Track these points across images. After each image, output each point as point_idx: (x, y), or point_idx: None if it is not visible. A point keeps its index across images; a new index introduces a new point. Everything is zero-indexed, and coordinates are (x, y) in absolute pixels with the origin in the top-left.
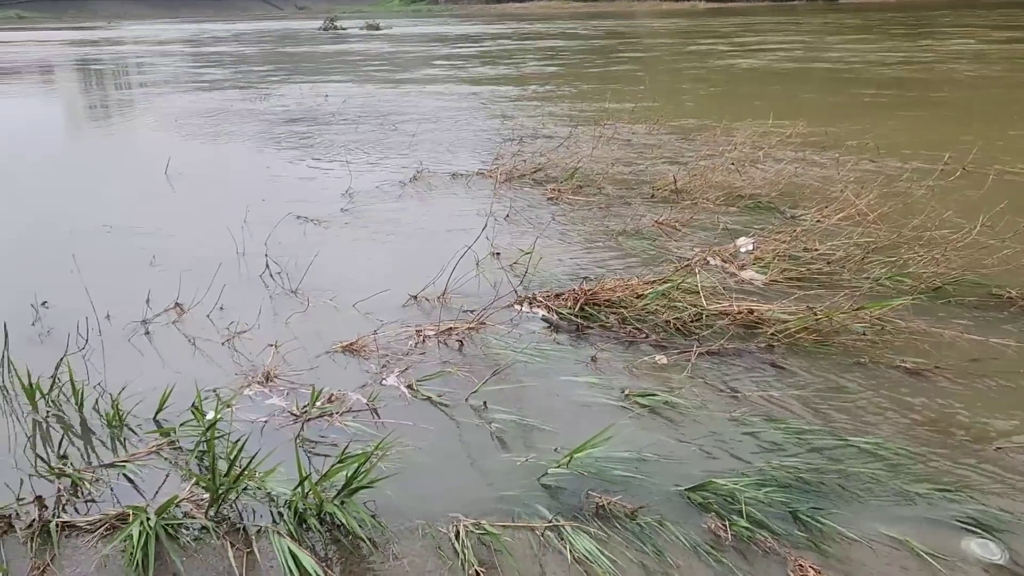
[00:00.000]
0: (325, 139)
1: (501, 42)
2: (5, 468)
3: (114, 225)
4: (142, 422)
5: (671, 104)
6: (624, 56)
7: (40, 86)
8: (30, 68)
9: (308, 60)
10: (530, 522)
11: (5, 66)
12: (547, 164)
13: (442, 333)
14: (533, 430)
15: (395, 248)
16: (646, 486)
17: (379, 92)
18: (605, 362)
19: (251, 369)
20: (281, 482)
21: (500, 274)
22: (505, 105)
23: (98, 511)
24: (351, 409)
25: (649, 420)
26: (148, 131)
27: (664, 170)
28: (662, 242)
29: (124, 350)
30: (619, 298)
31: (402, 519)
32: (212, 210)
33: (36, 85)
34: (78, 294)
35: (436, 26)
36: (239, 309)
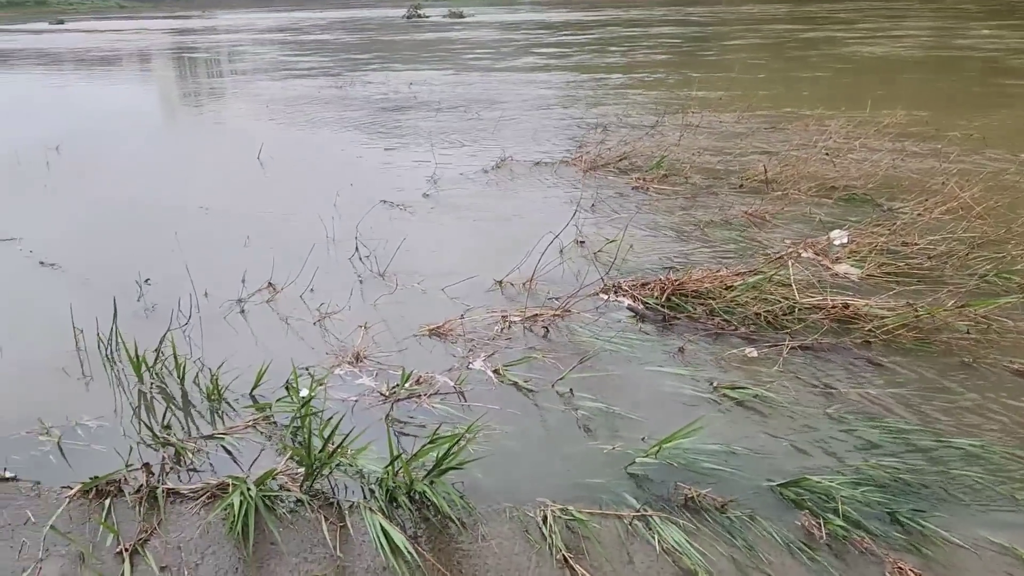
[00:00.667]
0: (411, 126)
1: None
2: (114, 435)
3: (210, 207)
4: (238, 397)
5: (762, 92)
6: (719, 44)
7: (138, 73)
8: (129, 56)
9: (393, 48)
10: (618, 510)
11: (107, 54)
12: (632, 153)
13: (528, 319)
14: (619, 418)
15: (480, 234)
16: (736, 480)
17: (462, 80)
18: (693, 353)
19: (341, 349)
20: (371, 460)
21: (584, 262)
22: (589, 93)
23: (199, 480)
24: (438, 391)
25: (739, 413)
26: (240, 116)
27: (753, 160)
28: (751, 233)
29: (221, 327)
30: (707, 289)
31: (489, 501)
32: (302, 194)
33: (134, 72)
34: (178, 272)
35: (518, 14)
36: (329, 291)
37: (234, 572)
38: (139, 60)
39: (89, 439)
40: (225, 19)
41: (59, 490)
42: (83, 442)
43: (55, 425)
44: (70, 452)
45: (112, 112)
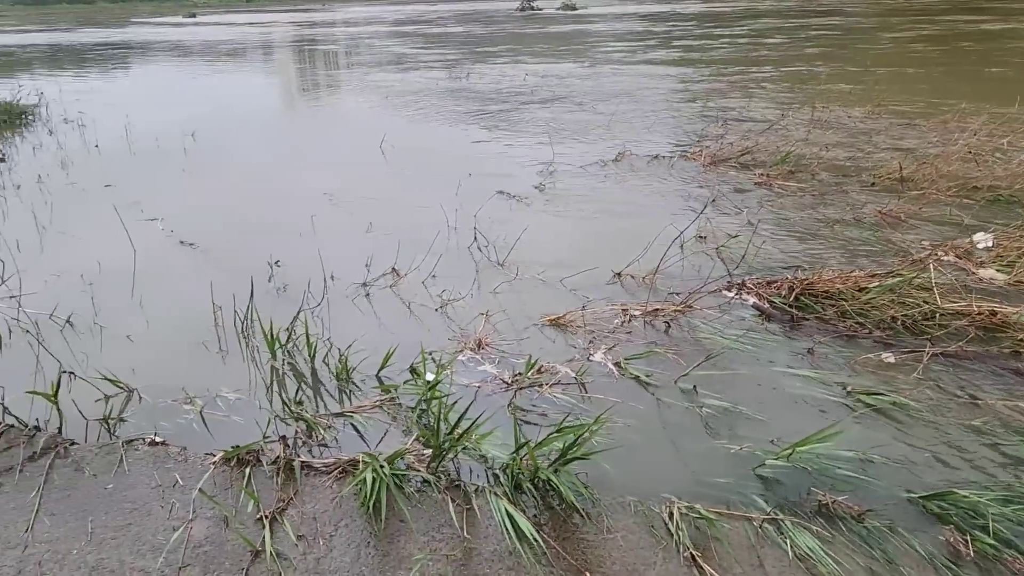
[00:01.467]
0: (527, 117)
1: (699, 22)
2: (250, 408)
3: (335, 193)
4: (365, 378)
5: (895, 87)
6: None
7: (263, 65)
8: (255, 48)
9: (508, 40)
10: (747, 512)
11: (236, 46)
12: (755, 147)
13: (649, 313)
14: (746, 419)
15: (597, 226)
16: (874, 489)
17: (578, 72)
18: (823, 356)
19: (463, 336)
20: (495, 446)
21: (705, 258)
22: (707, 86)
23: (330, 455)
24: (559, 382)
25: (875, 420)
26: (361, 107)
27: (886, 157)
28: (885, 234)
29: (347, 309)
30: (838, 290)
31: (613, 493)
32: (421, 182)
33: (260, 64)
34: (305, 255)
35: (631, 5)
36: (450, 278)
37: (366, 545)
38: (264, 52)
39: (228, 410)
40: (344, 12)
41: (203, 456)
42: (222, 413)
43: (197, 395)
44: (211, 421)
45: (241, 101)
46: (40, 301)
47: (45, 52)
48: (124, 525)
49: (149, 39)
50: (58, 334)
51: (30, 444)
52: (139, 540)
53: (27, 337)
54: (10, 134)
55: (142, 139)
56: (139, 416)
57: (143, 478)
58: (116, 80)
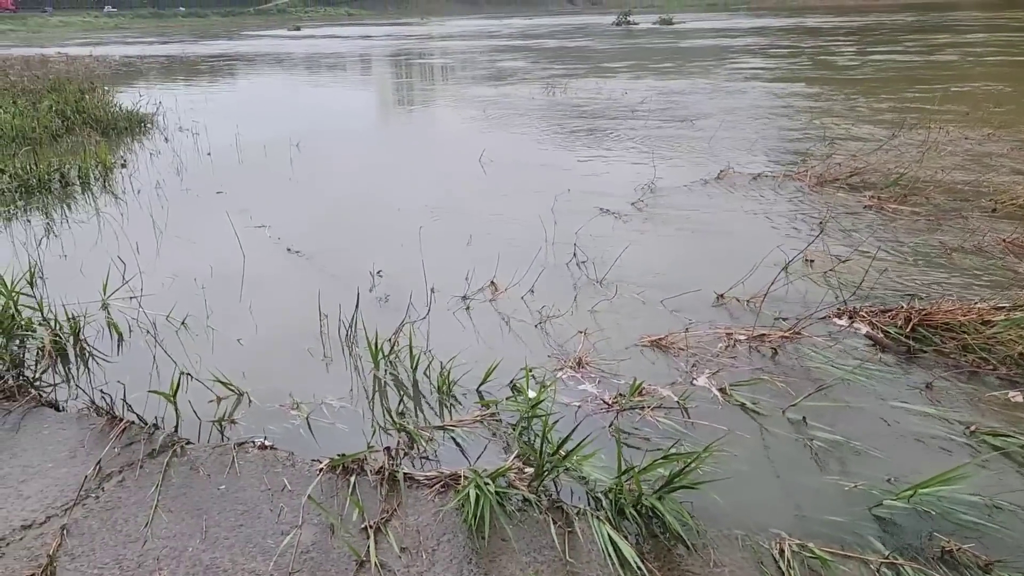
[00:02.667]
0: (624, 132)
1: (799, 37)
2: (354, 416)
3: (436, 206)
4: (466, 392)
5: (1016, 108)
6: (955, 52)
7: (363, 76)
8: (354, 60)
9: (603, 54)
10: (863, 553)
11: (337, 59)
12: (865, 169)
13: (754, 339)
14: (860, 455)
15: (698, 246)
16: (1003, 538)
17: (678, 86)
18: (943, 392)
19: (562, 353)
20: (596, 468)
21: (811, 283)
22: (810, 103)
23: (432, 467)
24: (662, 405)
25: (1002, 464)
26: (460, 120)
27: (1008, 182)
28: (1010, 263)
29: (448, 322)
30: (960, 322)
31: (719, 525)
32: (520, 197)
33: (360, 76)
34: (407, 266)
35: (730, 20)
36: (549, 294)
37: (468, 562)
38: (362, 64)
39: (333, 417)
40: (441, 25)
41: (310, 463)
42: (327, 420)
43: (303, 401)
44: (316, 428)
45: (343, 113)
46: (158, 302)
47: (162, 63)
48: (236, 526)
49: (256, 51)
50: (174, 335)
51: (149, 441)
52: (250, 542)
53: (146, 337)
54: (131, 141)
55: (250, 148)
56: (249, 419)
57: (254, 481)
58: (226, 90)
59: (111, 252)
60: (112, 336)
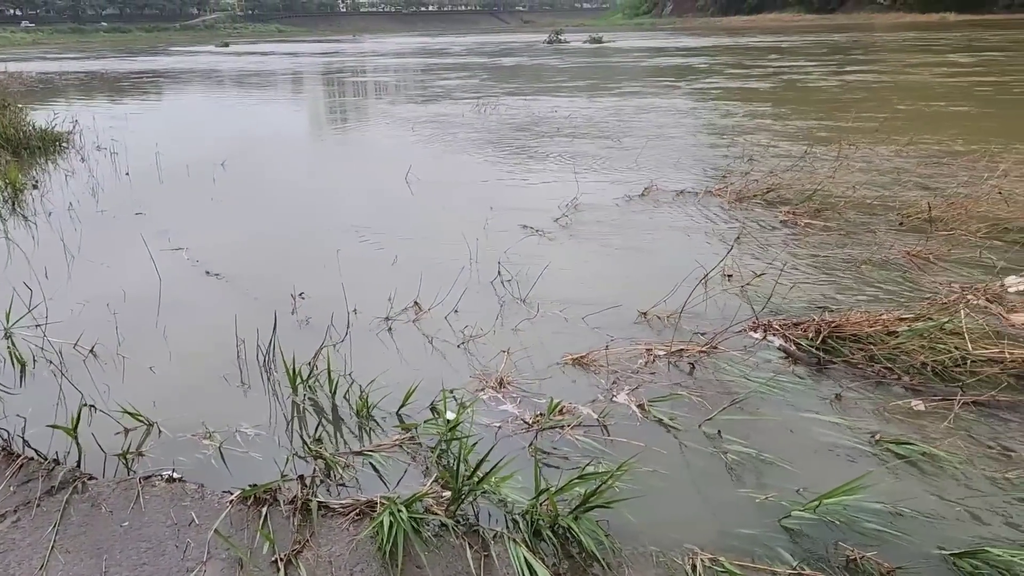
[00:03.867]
0: (551, 150)
1: (724, 57)
2: (270, 444)
3: (360, 225)
4: (386, 415)
5: (921, 125)
6: (867, 71)
7: (292, 94)
8: (285, 78)
9: (533, 72)
10: (772, 565)
11: (266, 76)
12: (780, 185)
13: (673, 354)
14: (771, 467)
15: (621, 262)
16: (904, 544)
17: (601, 105)
18: (851, 402)
19: (484, 373)
20: (515, 489)
21: (730, 297)
22: (734, 121)
23: (348, 495)
24: (582, 423)
25: (905, 472)
26: (388, 138)
27: (914, 196)
28: (913, 275)
29: (370, 344)
30: (867, 333)
31: (635, 542)
32: (446, 215)
33: (289, 93)
34: (329, 288)
35: (658, 40)
36: (473, 313)
37: None
38: (293, 82)
39: (247, 446)
40: (373, 43)
41: (220, 495)
42: (242, 449)
43: (216, 430)
44: (230, 457)
45: (270, 130)
46: (65, 330)
47: (82, 79)
48: (138, 564)
49: (182, 67)
50: (81, 364)
51: (49, 478)
52: None
53: (51, 367)
54: (44, 161)
55: (172, 168)
56: (158, 451)
57: (159, 516)
58: (150, 108)
59: (17, 278)
60: (14, 367)
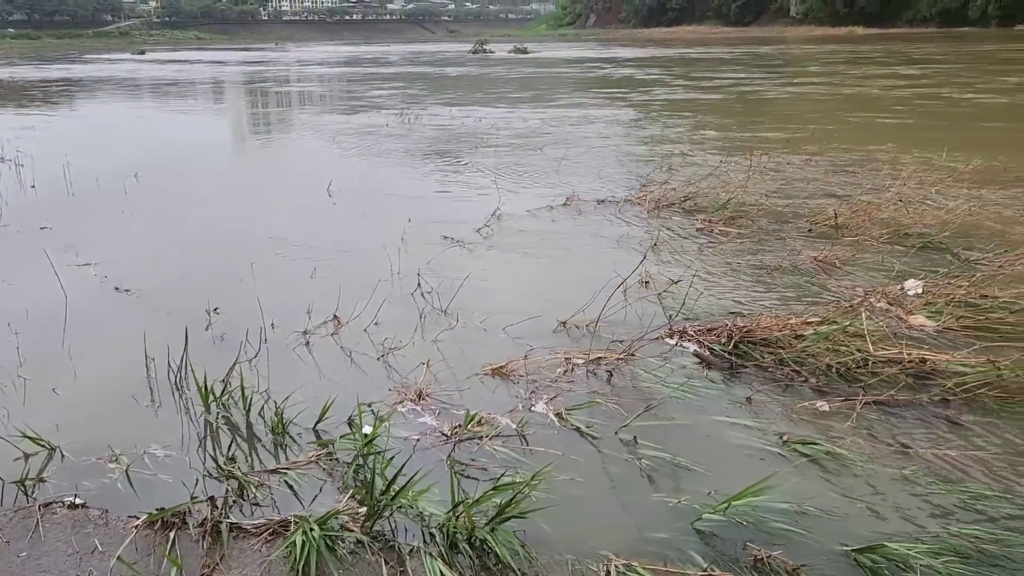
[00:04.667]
0: (475, 161)
1: (646, 67)
2: (180, 465)
3: (280, 237)
4: (302, 431)
5: (829, 135)
6: (778, 83)
7: (212, 104)
8: (204, 87)
9: (457, 83)
10: (683, 568)
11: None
12: (697, 193)
13: (591, 362)
14: (685, 471)
15: (543, 272)
16: (808, 542)
17: (525, 115)
18: (761, 404)
19: (404, 386)
20: (432, 502)
21: (648, 304)
22: (652, 131)
23: (262, 515)
24: (500, 434)
25: (810, 470)
26: (310, 148)
27: (822, 204)
28: (820, 280)
29: (287, 359)
30: (776, 337)
31: (551, 551)
32: (368, 226)
33: (208, 103)
34: (246, 302)
35: (582, 50)
36: (393, 325)
37: None
38: (213, 91)
39: (156, 468)
40: (297, 52)
41: (126, 519)
42: (150, 471)
43: (124, 453)
44: (137, 481)
45: (187, 141)
46: None
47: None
48: None
49: (96, 75)
50: None
51: None
52: None
53: None
54: None
55: (82, 180)
56: (60, 476)
57: (60, 545)
58: (60, 118)
59: None
60: None
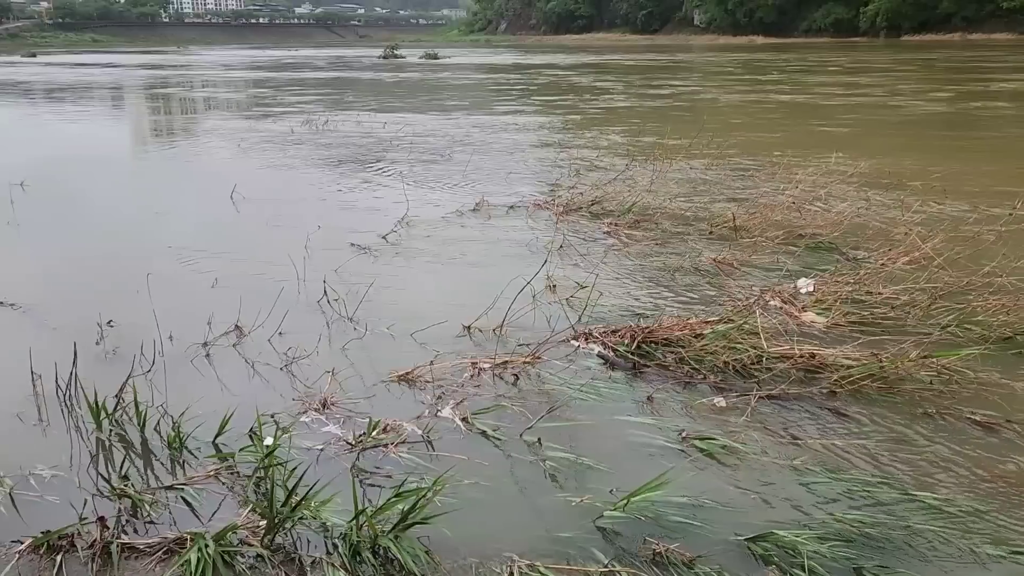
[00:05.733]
0: (384, 168)
1: (556, 73)
2: (69, 486)
3: (179, 247)
4: (201, 445)
5: (729, 140)
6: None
7: (110, 109)
8: (102, 91)
9: (367, 88)
10: (585, 566)
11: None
12: (604, 197)
13: (498, 366)
14: (588, 470)
15: (451, 278)
16: (704, 534)
17: (436, 121)
18: (662, 402)
19: (308, 395)
20: (336, 512)
21: (556, 308)
22: (562, 137)
23: (157, 533)
24: (406, 440)
25: (707, 465)
26: (214, 155)
27: (723, 207)
28: (720, 280)
29: (186, 371)
30: (677, 337)
31: (456, 556)
32: (273, 234)
33: (106, 108)
34: (143, 315)
35: (492, 57)
36: (298, 334)
37: None
38: (111, 96)
39: (43, 490)
40: (201, 56)
41: (8, 545)
42: (36, 493)
43: (7, 475)
44: (23, 503)
45: (82, 148)
46: None
47: None
48: None
49: None
50: None
51: None
52: None
53: None
54: None
55: None
56: None
57: None
58: None
59: None
60: None
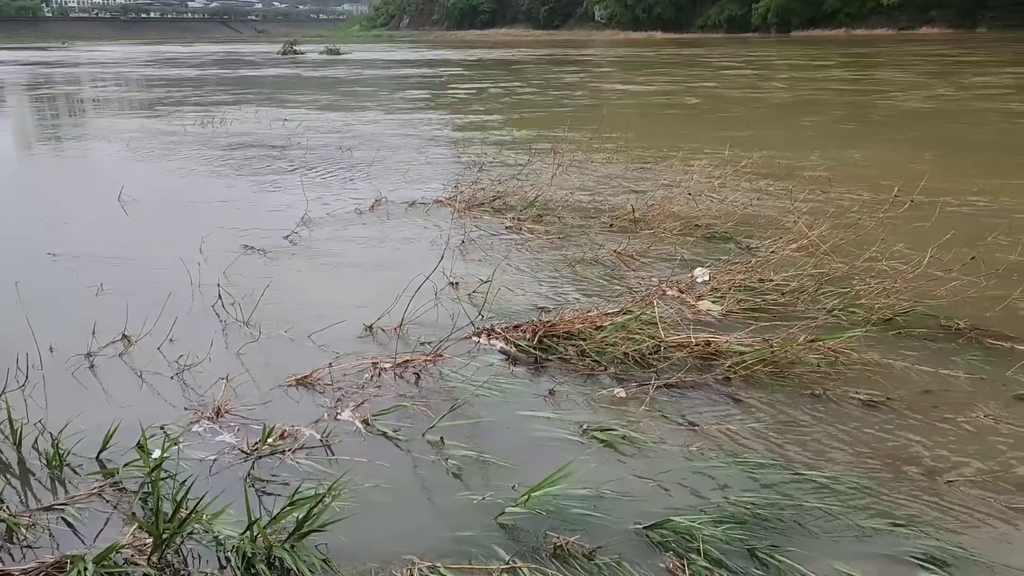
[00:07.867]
0: (282, 165)
1: (459, 69)
2: None
3: (62, 252)
4: (84, 462)
5: (629, 134)
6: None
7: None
8: None
9: (265, 85)
10: (486, 564)
11: None
12: (506, 193)
13: (398, 366)
14: (491, 466)
15: (351, 278)
16: (604, 524)
17: (336, 118)
18: (563, 396)
19: (201, 404)
20: (229, 524)
21: (458, 305)
22: (463, 133)
23: (35, 558)
24: (304, 446)
25: (607, 456)
26: (102, 155)
27: (623, 200)
28: (620, 272)
29: (67, 384)
30: (578, 330)
31: (355, 562)
32: (165, 237)
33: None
34: (21, 324)
35: (393, 53)
36: (190, 341)
37: None
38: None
39: None
40: (87, 52)
41: None
42: None
43: None
44: None
45: None
46: None
47: None
48: None
49: None
50: None
51: None
52: None
53: None
54: None
55: None
56: None
57: None
58: None
59: None
60: None
